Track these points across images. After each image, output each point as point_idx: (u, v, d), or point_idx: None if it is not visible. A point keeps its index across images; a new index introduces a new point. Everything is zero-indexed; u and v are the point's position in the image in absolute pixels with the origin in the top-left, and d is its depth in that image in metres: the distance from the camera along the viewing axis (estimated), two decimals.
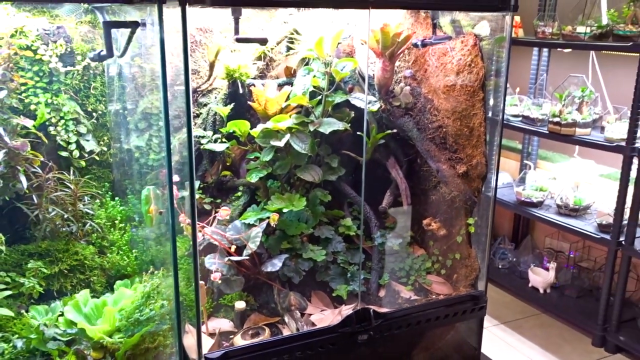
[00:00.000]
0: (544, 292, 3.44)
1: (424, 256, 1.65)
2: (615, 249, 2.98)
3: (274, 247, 1.54)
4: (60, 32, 1.52)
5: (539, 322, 3.40)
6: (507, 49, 1.45)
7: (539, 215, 3.38)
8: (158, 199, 1.36)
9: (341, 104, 1.61)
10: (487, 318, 3.35)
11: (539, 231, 3.87)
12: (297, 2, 1.28)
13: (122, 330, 1.29)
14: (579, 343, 3.19)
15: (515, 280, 3.62)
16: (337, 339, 1.40)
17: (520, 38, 3.48)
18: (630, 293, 3.25)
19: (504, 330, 3.34)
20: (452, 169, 1.54)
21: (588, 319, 3.17)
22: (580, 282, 3.47)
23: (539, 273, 3.48)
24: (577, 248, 3.59)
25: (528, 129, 3.39)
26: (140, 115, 1.59)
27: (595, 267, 3.47)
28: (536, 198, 3.44)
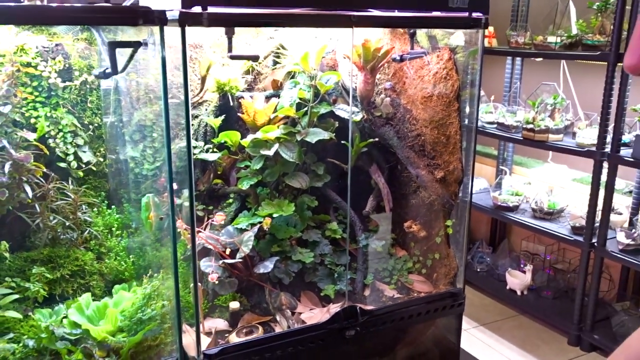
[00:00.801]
0: (521, 294, 3.60)
1: (405, 257, 1.79)
2: (588, 251, 3.15)
3: (264, 250, 1.66)
4: (58, 49, 1.63)
5: (517, 323, 3.56)
6: (480, 61, 1.60)
7: (515, 219, 3.55)
8: (157, 206, 1.47)
9: (326, 114, 1.74)
10: (466, 320, 3.51)
11: (515, 235, 4.04)
12: (287, 22, 1.41)
13: (124, 330, 1.40)
14: (555, 342, 3.35)
15: (494, 283, 3.78)
16: (326, 335, 1.53)
17: (494, 48, 3.66)
18: (604, 293, 3.43)
19: (484, 332, 3.48)
20: (431, 175, 1.68)
21: (564, 319, 3.33)
22: (555, 283, 3.64)
23: (516, 275, 3.64)
24: (552, 251, 3.76)
25: (503, 135, 3.56)
26: (135, 127, 1.70)
27: (570, 268, 3.65)
28: (512, 202, 3.61)
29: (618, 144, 2.97)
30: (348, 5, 1.37)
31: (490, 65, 4.01)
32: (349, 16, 1.37)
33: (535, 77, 3.78)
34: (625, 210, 3.28)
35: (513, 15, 3.69)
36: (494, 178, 4.03)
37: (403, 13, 1.45)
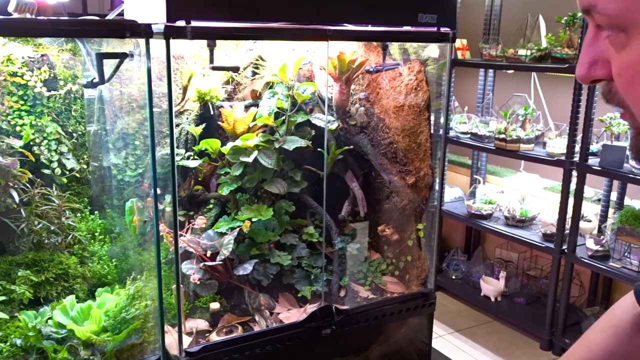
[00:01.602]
0: (495, 300, 3.73)
1: (379, 259, 1.89)
2: (558, 257, 3.29)
3: (244, 253, 1.75)
4: (44, 60, 1.70)
5: (491, 329, 3.68)
6: (448, 73, 1.72)
7: (489, 227, 3.68)
8: (140, 210, 1.55)
9: (303, 123, 1.85)
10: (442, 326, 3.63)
11: (489, 242, 4.17)
12: (266, 36, 1.51)
13: (108, 330, 1.47)
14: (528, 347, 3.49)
15: (469, 289, 3.91)
16: (303, 334, 1.62)
17: (467, 60, 3.81)
18: (575, 299, 3.57)
19: (459, 338, 3.59)
20: (403, 180, 1.79)
21: (536, 324, 3.46)
22: (528, 289, 3.78)
23: (490, 282, 3.77)
24: (525, 258, 3.91)
25: (476, 145, 3.70)
26: (118, 135, 1.78)
27: (542, 275, 3.79)
28: (485, 211, 3.75)
29: (586, 153, 3.12)
30: (323, 20, 1.48)
31: (463, 77, 4.17)
32: (324, 30, 1.48)
33: (507, 89, 3.94)
34: (594, 217, 3.44)
35: (485, 28, 3.85)
36: (468, 187, 4.16)
37: (375, 28, 1.56)
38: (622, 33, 0.54)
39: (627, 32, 0.54)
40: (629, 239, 3.07)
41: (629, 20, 0.53)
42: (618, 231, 3.10)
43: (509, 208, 3.69)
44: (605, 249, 3.14)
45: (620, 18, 0.54)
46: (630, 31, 0.53)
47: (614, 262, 3.09)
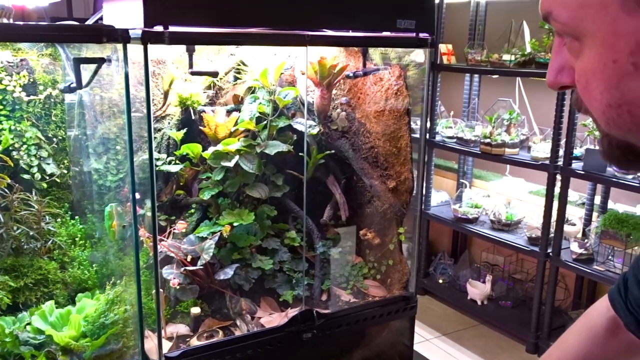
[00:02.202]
0: (481, 304, 3.75)
1: (361, 263, 1.90)
2: (544, 260, 3.33)
3: (225, 258, 1.75)
4: (23, 64, 1.70)
5: (477, 332, 3.70)
6: (427, 78, 1.74)
7: (475, 231, 3.71)
8: (119, 215, 1.55)
9: (285, 128, 1.86)
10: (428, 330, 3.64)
11: (476, 246, 4.20)
12: (245, 41, 1.52)
13: (87, 335, 1.47)
14: (514, 350, 3.51)
15: (455, 293, 3.93)
16: (283, 338, 1.62)
17: (452, 65, 3.85)
18: (560, 302, 3.60)
19: (445, 342, 3.61)
20: (384, 185, 1.80)
21: (522, 328, 3.49)
22: (514, 293, 3.81)
23: (476, 286, 3.79)
24: (510, 261, 3.94)
25: (462, 149, 3.74)
26: (99, 140, 1.78)
27: (527, 278, 3.82)
28: (471, 214, 3.78)
29: (570, 157, 3.16)
30: (302, 25, 1.49)
31: (449, 82, 4.20)
32: (303, 35, 1.49)
33: (493, 93, 3.97)
34: (579, 221, 3.47)
35: (470, 33, 3.89)
36: (454, 191, 4.19)
37: (355, 33, 1.58)
38: (577, 41, 0.57)
39: (580, 40, 0.56)
40: (612, 242, 3.11)
41: (579, 29, 0.56)
42: (601, 234, 3.13)
43: (495, 212, 3.72)
44: (589, 252, 3.18)
45: (571, 26, 0.56)
46: (582, 39, 0.56)
47: (598, 265, 3.12)
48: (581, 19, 0.55)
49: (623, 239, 3.05)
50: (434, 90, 3.87)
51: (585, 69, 0.57)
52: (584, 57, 0.57)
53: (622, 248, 3.05)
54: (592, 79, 0.56)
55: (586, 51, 0.56)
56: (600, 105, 0.57)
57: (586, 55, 0.57)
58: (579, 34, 0.56)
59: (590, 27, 0.55)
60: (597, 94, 0.57)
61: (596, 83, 0.56)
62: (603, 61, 0.55)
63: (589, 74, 0.57)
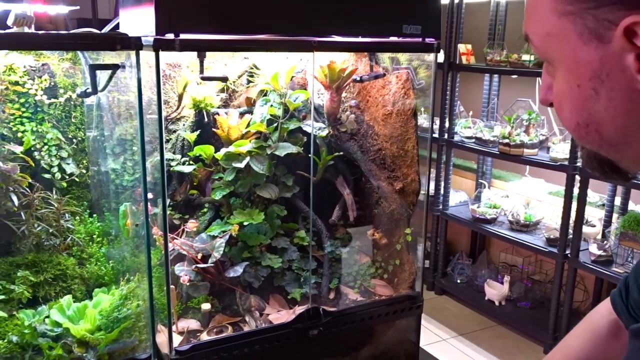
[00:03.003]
0: (499, 305, 3.75)
1: (369, 263, 1.94)
2: (562, 262, 3.31)
3: (236, 256, 1.81)
4: (44, 69, 1.79)
5: (495, 333, 3.71)
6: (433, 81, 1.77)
7: (493, 231, 3.71)
8: (133, 214, 1.62)
9: (295, 130, 1.91)
10: (446, 330, 3.66)
11: (494, 247, 4.20)
12: (253, 48, 1.58)
13: (102, 329, 1.55)
14: (531, 352, 3.50)
15: (473, 293, 3.94)
16: (290, 334, 1.68)
17: (471, 65, 3.85)
18: (579, 303, 3.58)
19: (462, 342, 3.62)
20: (391, 186, 1.84)
21: (540, 329, 3.48)
22: (532, 294, 3.79)
23: (494, 286, 3.79)
24: (529, 262, 3.93)
25: (480, 149, 3.74)
26: (116, 141, 1.86)
27: (546, 279, 3.81)
28: (490, 215, 3.78)
29: None
30: (309, 32, 1.54)
31: (469, 82, 4.20)
32: (309, 42, 1.54)
33: (513, 93, 3.96)
34: (598, 222, 3.45)
35: (490, 33, 3.88)
36: (473, 191, 4.19)
37: (361, 39, 1.62)
38: (550, 65, 0.62)
39: (552, 64, 0.62)
40: (632, 244, 3.08)
41: (548, 54, 0.62)
42: (621, 236, 3.11)
43: (513, 212, 3.72)
44: (609, 254, 3.16)
45: (542, 51, 0.62)
46: (554, 64, 0.61)
47: (617, 267, 3.10)
48: (548, 47, 0.61)
49: None
50: (452, 90, 3.88)
51: (558, 91, 0.62)
52: (557, 80, 0.62)
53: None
54: (564, 100, 0.62)
55: (558, 74, 0.62)
56: (571, 123, 0.62)
57: (558, 78, 0.62)
58: (550, 59, 0.62)
59: (556, 54, 0.60)
60: (567, 114, 0.62)
61: (566, 104, 0.61)
62: (569, 85, 0.60)
63: (560, 96, 0.62)
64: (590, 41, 0.56)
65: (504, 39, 3.87)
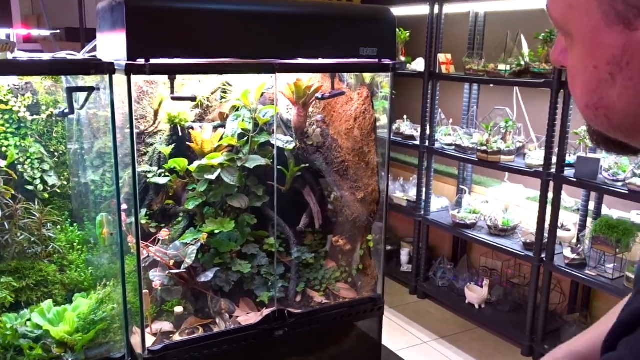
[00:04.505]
0: (479, 308, 3.89)
1: (334, 267, 2.09)
2: (538, 265, 3.46)
3: (208, 262, 1.96)
4: (27, 87, 1.94)
5: (475, 335, 3.84)
6: (390, 100, 1.92)
7: (472, 236, 3.85)
8: (109, 223, 1.77)
9: (265, 143, 2.06)
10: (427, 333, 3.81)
11: (475, 251, 4.34)
12: (219, 71, 1.73)
13: (80, 331, 1.69)
14: (510, 353, 3.64)
15: (454, 297, 4.08)
16: (257, 335, 1.83)
17: (449, 74, 4.00)
18: (555, 306, 3.73)
19: (443, 344, 3.76)
20: (353, 195, 2.00)
21: (518, 331, 3.62)
22: (511, 297, 3.94)
23: (474, 290, 3.94)
24: (508, 266, 4.07)
25: (460, 156, 3.88)
26: (95, 154, 2.00)
27: (524, 283, 3.95)
28: (469, 220, 3.92)
29: (562, 164, 3.28)
30: (272, 55, 1.69)
31: (449, 90, 4.35)
32: (272, 64, 1.69)
33: (492, 102, 4.11)
34: (573, 227, 3.59)
35: (470, 43, 4.03)
36: (455, 197, 4.33)
37: (322, 60, 1.77)
38: (568, 37, 0.62)
39: (569, 37, 0.61)
40: (603, 247, 3.22)
41: (567, 27, 0.61)
42: (593, 240, 3.25)
43: (492, 217, 3.86)
44: (582, 258, 3.29)
45: (560, 23, 0.61)
46: (571, 38, 0.61)
47: (590, 270, 3.24)
48: (568, 19, 0.59)
49: (613, 245, 3.17)
50: (433, 98, 4.03)
51: (572, 65, 0.62)
52: (573, 54, 0.61)
53: (612, 253, 3.17)
54: (577, 78, 0.61)
55: (574, 50, 0.61)
56: (580, 103, 0.61)
57: (573, 54, 0.61)
58: (568, 32, 0.61)
59: (575, 29, 0.59)
60: (578, 93, 0.61)
61: (579, 82, 0.61)
62: (584, 64, 0.59)
63: (574, 72, 0.61)
64: (616, 25, 0.55)
65: (483, 49, 4.02)
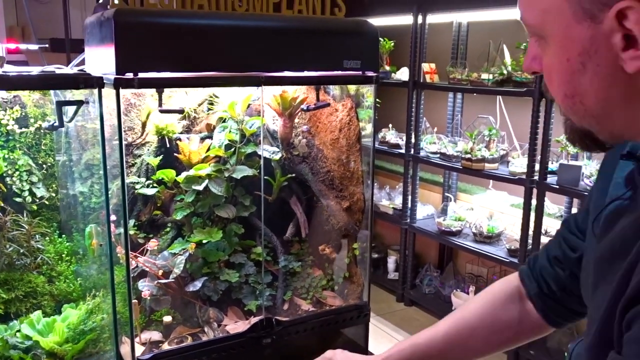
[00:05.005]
0: None
1: (320, 275, 2.14)
2: None
3: (196, 272, 2.00)
4: (16, 100, 1.97)
5: None
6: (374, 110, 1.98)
7: (458, 243, 3.92)
8: (98, 235, 1.80)
9: (252, 154, 2.10)
10: None
11: (461, 258, 4.41)
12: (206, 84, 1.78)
13: (70, 341, 1.72)
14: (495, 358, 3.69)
15: (441, 304, 4.14)
16: (245, 343, 1.87)
17: (433, 83, 4.08)
18: None
19: None
20: (339, 205, 2.05)
21: None
22: None
23: (460, 296, 4.00)
24: (494, 272, 4.14)
25: (445, 164, 3.95)
26: (83, 166, 2.04)
27: None
28: (455, 227, 3.99)
29: (545, 172, 3.36)
30: (258, 68, 1.74)
31: (433, 99, 4.43)
32: (258, 77, 1.74)
33: (476, 110, 4.19)
34: None
35: (453, 53, 4.12)
36: (440, 204, 4.40)
37: (306, 73, 1.83)
38: (542, 39, 0.72)
39: (544, 39, 0.71)
40: None
41: (542, 30, 0.71)
42: None
43: (477, 224, 3.92)
44: None
45: (536, 27, 0.72)
46: (546, 39, 0.71)
47: None
48: (543, 23, 0.69)
49: None
50: (417, 107, 4.10)
51: (548, 64, 0.71)
52: (548, 54, 0.71)
53: None
54: (553, 73, 0.71)
55: (549, 49, 0.70)
56: (559, 94, 0.71)
57: (549, 52, 0.71)
58: (543, 34, 0.70)
59: (550, 30, 0.69)
60: (555, 86, 0.71)
61: (555, 76, 0.71)
62: (559, 59, 0.69)
63: (550, 68, 0.71)
64: (584, 20, 0.64)
65: (466, 58, 4.10)
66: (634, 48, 0.62)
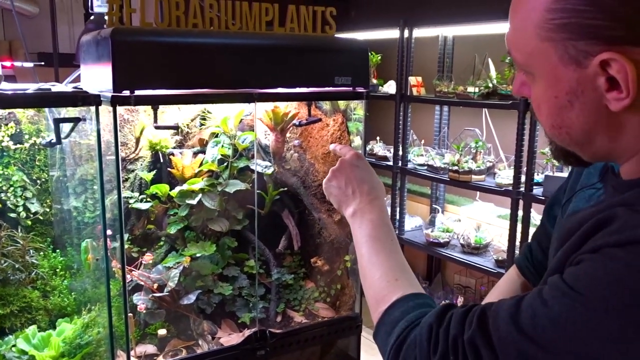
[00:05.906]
0: None
1: (313, 288, 2.19)
2: None
3: (190, 285, 2.04)
4: (10, 117, 2.00)
5: None
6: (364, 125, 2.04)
7: (446, 254, 3.98)
8: (94, 249, 1.84)
9: (244, 168, 2.15)
10: None
11: (449, 269, 4.48)
12: (201, 100, 1.83)
13: (65, 355, 1.75)
14: None
15: None
16: (239, 355, 1.90)
17: (420, 96, 4.16)
18: None
19: None
20: (330, 218, 2.10)
21: None
22: None
23: None
24: (482, 283, 4.21)
25: (432, 176, 4.03)
26: (77, 181, 2.07)
27: None
28: (443, 239, 4.05)
29: (531, 183, 3.44)
30: (251, 85, 1.79)
31: (420, 111, 4.52)
32: (252, 93, 1.80)
33: (462, 122, 4.28)
34: None
35: (439, 66, 4.21)
36: (428, 216, 4.47)
37: (298, 89, 1.89)
38: (530, 74, 0.78)
39: (532, 75, 0.78)
40: None
41: (530, 69, 0.77)
42: None
43: (465, 236, 3.99)
44: None
45: (524, 66, 0.79)
46: (534, 75, 0.77)
47: None
48: (530, 63, 0.76)
49: None
50: (405, 120, 4.18)
51: (536, 96, 0.78)
52: (536, 86, 0.77)
53: None
54: (542, 105, 0.77)
55: (537, 83, 0.77)
56: (546, 124, 0.78)
57: (537, 86, 0.77)
58: (531, 72, 0.77)
59: (538, 69, 0.75)
60: (544, 117, 0.78)
61: (544, 109, 0.77)
62: (547, 95, 0.75)
63: (538, 100, 0.78)
64: (570, 64, 0.70)
65: (452, 72, 4.20)
66: (617, 90, 0.69)
